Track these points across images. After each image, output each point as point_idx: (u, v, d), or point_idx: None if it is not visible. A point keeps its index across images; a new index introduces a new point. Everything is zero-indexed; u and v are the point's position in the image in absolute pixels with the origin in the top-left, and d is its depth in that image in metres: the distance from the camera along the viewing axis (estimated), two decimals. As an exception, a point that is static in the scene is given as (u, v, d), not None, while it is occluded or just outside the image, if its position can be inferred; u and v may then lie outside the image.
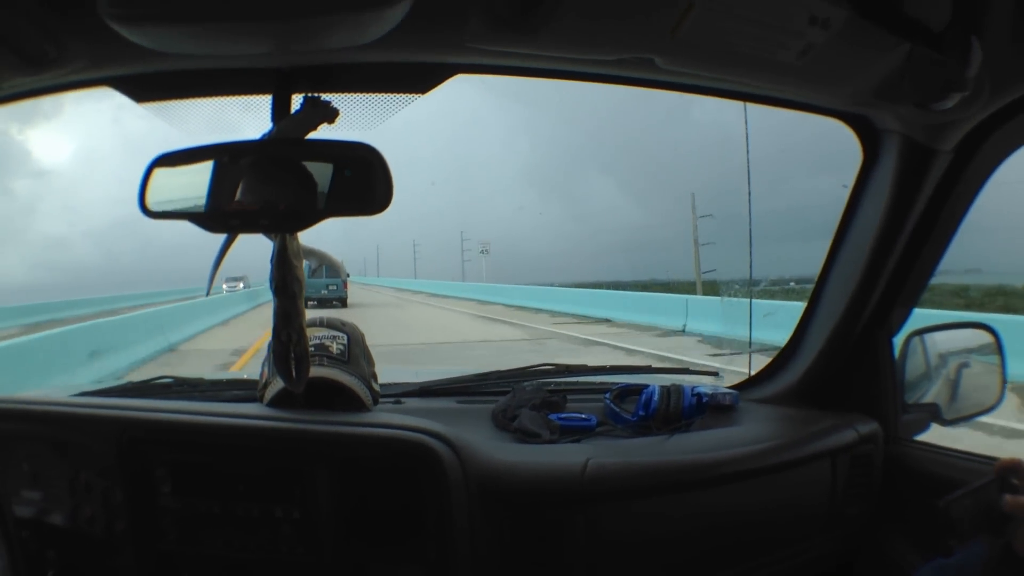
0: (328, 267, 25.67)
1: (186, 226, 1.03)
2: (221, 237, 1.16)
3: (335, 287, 25.85)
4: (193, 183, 1.07)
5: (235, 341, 13.17)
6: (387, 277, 74.82)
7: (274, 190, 1.02)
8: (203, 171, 1.06)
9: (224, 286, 33.73)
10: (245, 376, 1.49)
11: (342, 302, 25.80)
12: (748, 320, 1.57)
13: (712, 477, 1.22)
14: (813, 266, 1.49)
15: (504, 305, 25.72)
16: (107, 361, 10.01)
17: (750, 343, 1.80)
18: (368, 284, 61.92)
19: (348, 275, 28.97)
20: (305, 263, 1.18)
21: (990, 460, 1.35)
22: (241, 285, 35.80)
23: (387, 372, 1.56)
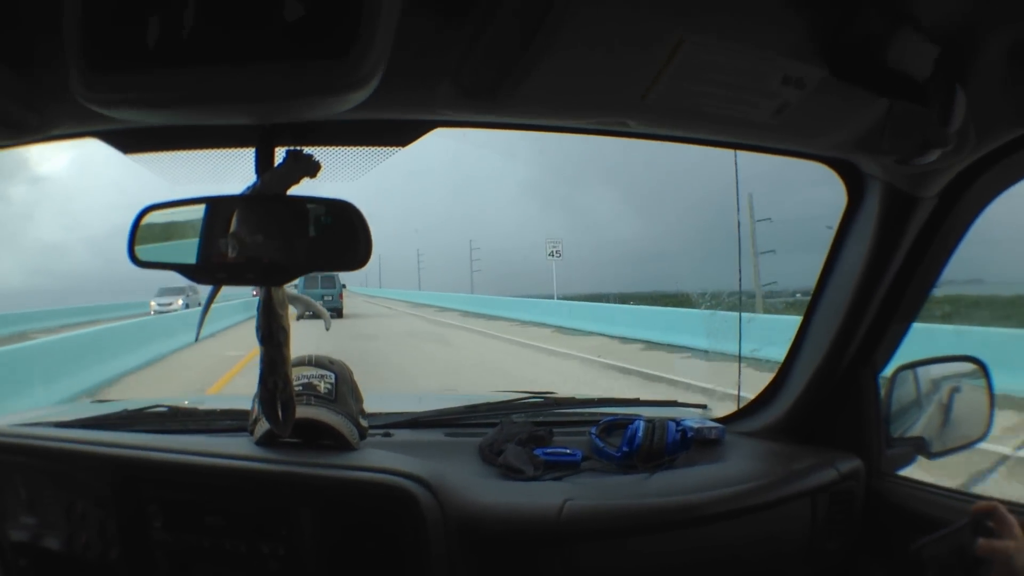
0: (323, 277, 25.30)
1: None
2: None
3: (331, 298, 25.27)
4: (179, 234, 1.10)
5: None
6: (391, 288, 67.84)
7: (258, 244, 1.05)
8: (190, 223, 1.09)
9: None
10: (239, 407, 1.52)
11: (338, 312, 25.47)
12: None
13: (690, 518, 1.24)
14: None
15: (540, 324, 20.55)
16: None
17: (739, 369, 1.81)
18: (372, 296, 56.23)
19: (344, 286, 28.06)
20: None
21: (971, 498, 1.36)
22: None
23: (379, 400, 1.59)
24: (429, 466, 1.21)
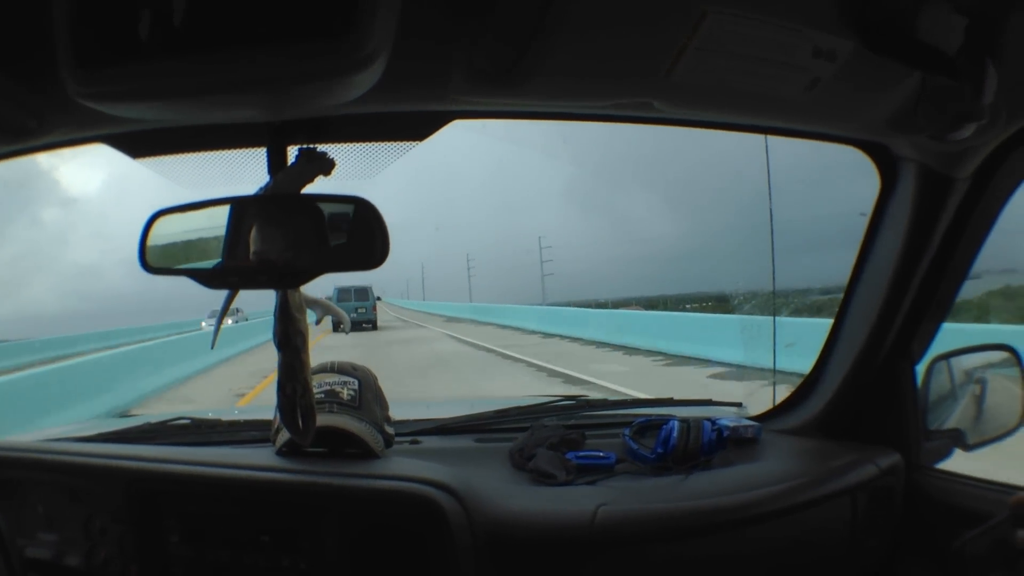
0: (357, 291, 25.21)
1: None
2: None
3: (364, 310, 25.67)
4: (191, 239, 1.07)
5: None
6: (436, 301, 57.79)
7: (271, 246, 1.01)
8: (202, 227, 1.06)
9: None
10: (263, 417, 1.48)
11: (372, 325, 25.72)
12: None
13: (728, 521, 1.19)
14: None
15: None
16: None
17: (774, 370, 1.76)
18: (413, 310, 51.58)
19: (379, 298, 28.44)
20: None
21: (1011, 489, 1.32)
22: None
23: (406, 408, 1.55)
24: (455, 473, 1.17)
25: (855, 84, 1.01)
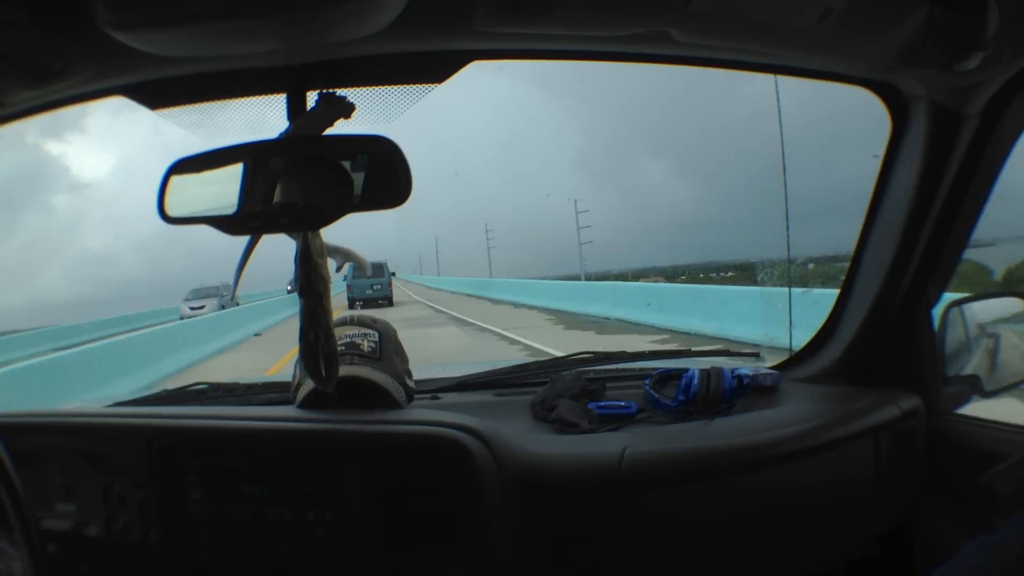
0: (372, 266, 25.02)
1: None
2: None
3: (379, 286, 25.71)
4: (211, 186, 1.06)
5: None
6: (451, 276, 50.50)
7: (293, 188, 1.01)
8: (221, 174, 1.05)
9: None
10: (281, 379, 1.48)
11: (388, 301, 25.61)
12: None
13: (754, 460, 1.19)
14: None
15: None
16: None
17: (790, 322, 1.76)
18: (423, 286, 47.27)
19: (394, 273, 27.93)
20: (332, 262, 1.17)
21: None
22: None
23: (425, 368, 1.54)
24: (480, 420, 1.16)
25: (865, 16, 1.02)
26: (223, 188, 1.07)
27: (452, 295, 31.68)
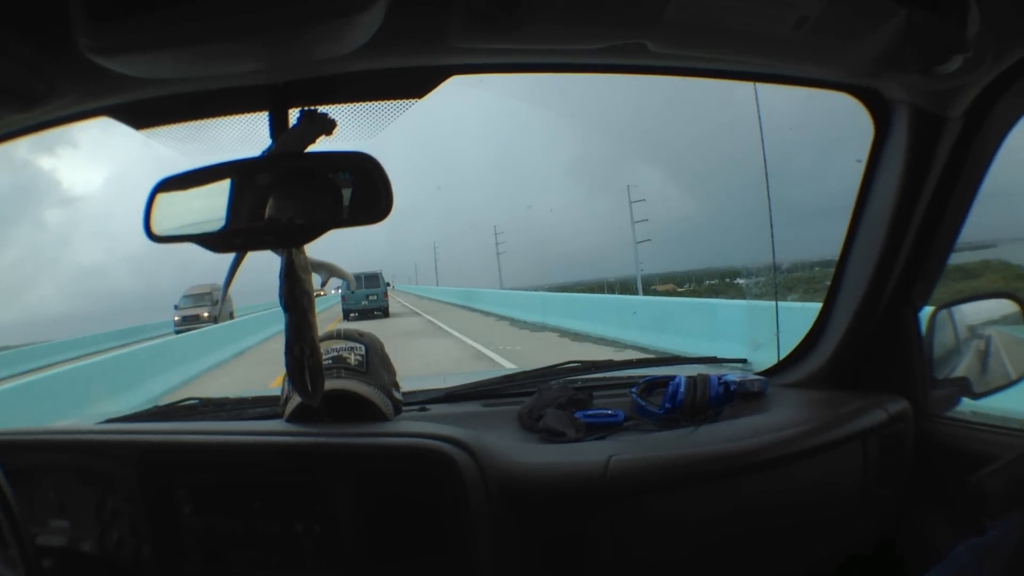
0: (367, 277, 24.63)
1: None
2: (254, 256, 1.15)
3: (375, 297, 25.59)
4: (196, 204, 1.08)
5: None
6: (448, 287, 45.27)
7: (277, 205, 1.02)
8: (206, 192, 1.06)
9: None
10: (270, 393, 1.49)
11: (384, 312, 25.46)
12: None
13: (741, 466, 1.19)
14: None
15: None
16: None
17: (777, 327, 1.77)
18: (417, 295, 45.19)
19: (389, 284, 27.66)
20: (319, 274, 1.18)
21: (1021, 432, 1.32)
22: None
23: (413, 380, 1.55)
24: (466, 431, 1.17)
25: (843, 22, 1.02)
26: (208, 205, 1.08)
27: (456, 308, 28.92)
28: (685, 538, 1.19)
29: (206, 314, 24.61)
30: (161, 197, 1.06)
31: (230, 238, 1.06)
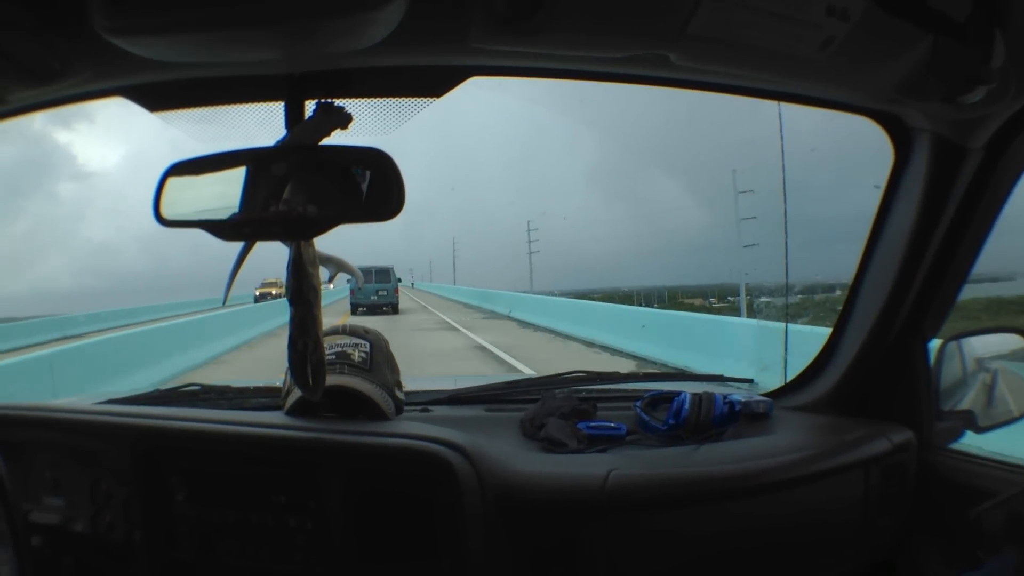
0: (378, 272, 24.51)
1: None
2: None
3: (385, 292, 25.28)
4: (207, 190, 1.07)
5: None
6: (464, 287, 41.92)
7: (287, 197, 1.01)
8: (217, 178, 1.06)
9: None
10: (273, 384, 1.48)
11: (393, 308, 25.22)
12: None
13: (740, 488, 1.18)
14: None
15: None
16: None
17: (785, 349, 1.75)
18: (434, 295, 43.02)
19: (400, 280, 27.28)
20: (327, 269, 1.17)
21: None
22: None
23: (417, 380, 1.54)
24: (466, 436, 1.16)
25: (868, 46, 1.01)
26: (218, 193, 1.07)
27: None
28: (680, 555, 1.18)
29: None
30: (172, 181, 1.05)
31: (239, 227, 1.05)
